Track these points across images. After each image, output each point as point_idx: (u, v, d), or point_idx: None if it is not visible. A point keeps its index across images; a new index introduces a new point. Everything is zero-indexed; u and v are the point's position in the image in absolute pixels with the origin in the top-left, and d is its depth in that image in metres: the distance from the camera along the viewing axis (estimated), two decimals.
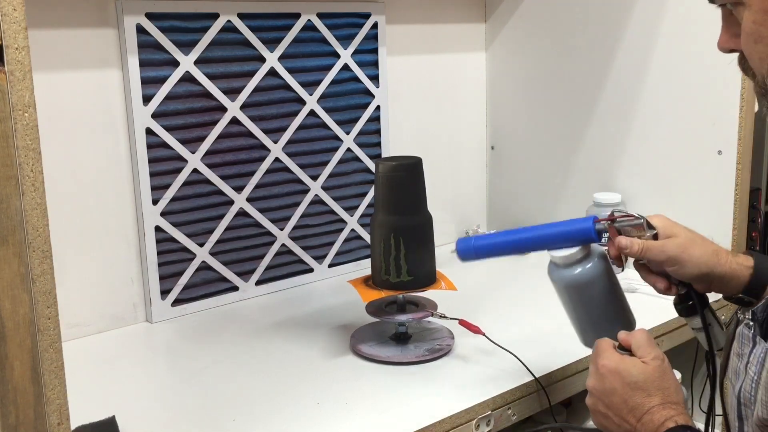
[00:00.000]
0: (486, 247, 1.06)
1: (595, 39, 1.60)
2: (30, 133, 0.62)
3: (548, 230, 1.01)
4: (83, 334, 1.32)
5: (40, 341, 0.64)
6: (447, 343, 1.23)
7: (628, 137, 1.59)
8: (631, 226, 0.96)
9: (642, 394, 0.84)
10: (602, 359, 0.89)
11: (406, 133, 1.72)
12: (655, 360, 0.87)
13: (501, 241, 1.06)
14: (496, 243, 1.06)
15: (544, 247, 1.01)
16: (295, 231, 1.56)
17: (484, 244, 1.06)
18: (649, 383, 0.85)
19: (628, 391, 0.85)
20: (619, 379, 0.86)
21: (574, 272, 0.98)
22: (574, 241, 0.98)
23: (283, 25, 1.48)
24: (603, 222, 0.98)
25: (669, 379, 0.86)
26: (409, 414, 1.03)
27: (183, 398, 1.11)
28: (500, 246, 1.06)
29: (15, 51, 0.61)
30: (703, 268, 0.94)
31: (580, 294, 0.99)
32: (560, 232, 1.00)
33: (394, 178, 1.18)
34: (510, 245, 1.05)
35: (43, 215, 0.64)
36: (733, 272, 0.95)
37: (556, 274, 1.00)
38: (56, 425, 0.66)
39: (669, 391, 0.84)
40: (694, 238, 0.96)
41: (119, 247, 1.35)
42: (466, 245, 1.07)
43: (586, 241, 0.98)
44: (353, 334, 1.27)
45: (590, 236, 0.98)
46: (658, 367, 0.86)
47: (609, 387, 0.86)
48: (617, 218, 0.97)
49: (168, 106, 1.35)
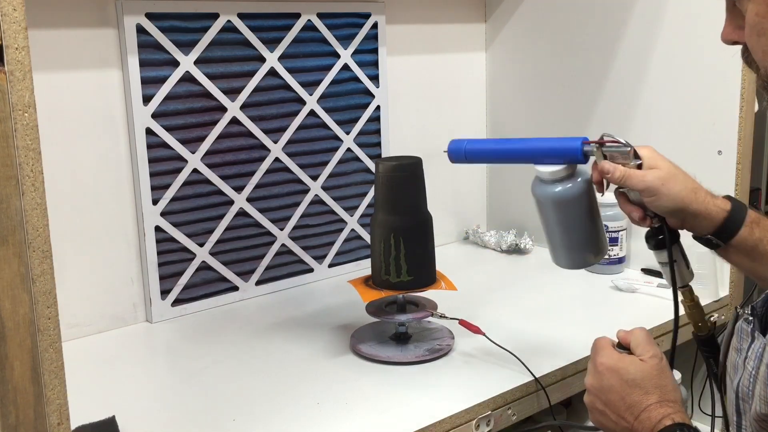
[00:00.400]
0: (476, 152, 1.08)
1: (595, 39, 1.60)
2: (30, 133, 0.62)
3: (538, 144, 1.03)
4: (83, 334, 1.32)
5: (40, 341, 0.64)
6: (447, 343, 1.23)
7: (627, 137, 1.56)
8: (618, 153, 0.97)
9: (639, 391, 0.84)
10: (600, 357, 0.89)
11: (406, 133, 1.72)
12: (653, 358, 0.87)
13: (491, 148, 1.09)
14: (486, 149, 1.08)
15: (531, 159, 1.03)
16: (295, 231, 1.56)
17: (475, 149, 1.08)
18: (647, 381, 0.85)
19: (625, 389, 0.85)
20: (617, 377, 0.86)
21: (556, 189, 1.01)
22: (561, 158, 1.00)
23: (283, 25, 1.48)
24: (592, 144, 0.99)
25: (666, 377, 0.86)
26: (409, 414, 1.03)
27: (183, 398, 1.11)
28: (490, 152, 1.08)
29: (15, 51, 0.61)
30: (678, 203, 0.95)
31: (558, 211, 1.01)
32: (549, 147, 1.01)
33: (394, 178, 1.18)
34: (500, 153, 1.08)
35: (43, 215, 0.64)
36: (708, 212, 0.96)
37: (539, 189, 1.03)
38: (56, 425, 0.66)
39: (666, 389, 0.85)
40: (677, 173, 0.97)
41: (119, 247, 1.35)
42: (457, 146, 1.09)
43: (573, 161, 1.00)
44: (353, 334, 1.27)
45: (577, 156, 0.99)
46: (656, 365, 0.86)
47: (607, 385, 0.87)
48: (606, 142, 0.98)
49: (168, 106, 1.35)
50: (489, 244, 1.80)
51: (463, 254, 1.79)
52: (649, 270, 1.58)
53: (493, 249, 1.80)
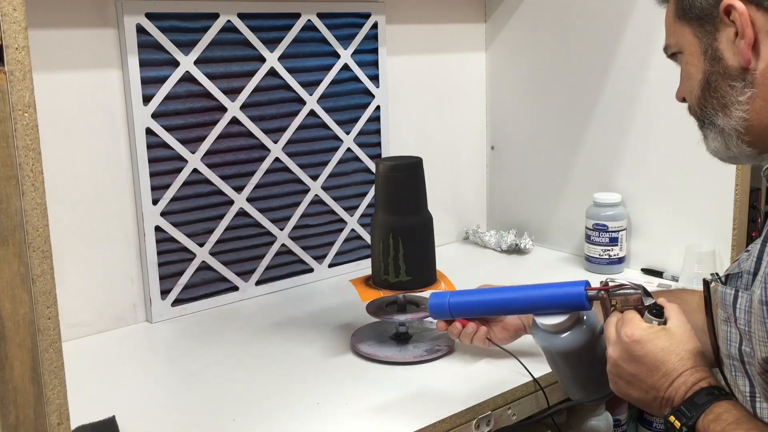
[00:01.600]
0: (462, 306, 1.01)
1: (595, 39, 1.60)
2: (30, 133, 0.62)
3: (536, 292, 0.96)
4: (83, 334, 1.32)
5: (40, 341, 0.64)
6: (447, 344, 1.22)
7: (627, 137, 1.59)
8: (626, 296, 0.91)
9: (675, 358, 0.84)
10: (627, 329, 0.88)
11: (406, 133, 1.72)
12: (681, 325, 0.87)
13: (481, 299, 1.00)
14: (475, 301, 1.00)
15: (529, 311, 0.97)
16: (295, 231, 1.56)
17: (461, 302, 1.01)
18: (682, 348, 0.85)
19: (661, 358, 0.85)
20: (650, 347, 0.86)
21: (561, 339, 0.95)
22: (562, 308, 0.94)
23: (283, 25, 1.48)
24: (595, 291, 0.92)
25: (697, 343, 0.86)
26: (409, 414, 1.03)
27: (183, 398, 1.11)
28: (479, 305, 1.01)
29: (15, 51, 0.61)
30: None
31: (567, 359, 0.96)
32: (548, 297, 0.95)
33: (394, 178, 1.18)
34: (491, 305, 1.00)
35: (43, 215, 0.64)
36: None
37: (542, 339, 0.97)
38: (56, 425, 0.66)
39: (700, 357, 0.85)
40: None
41: (119, 247, 1.35)
42: (440, 300, 1.02)
43: (576, 309, 0.94)
44: (353, 334, 1.27)
45: (581, 304, 0.93)
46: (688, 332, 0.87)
47: (638, 355, 0.86)
48: (611, 288, 0.91)
49: (168, 106, 1.35)
50: (489, 244, 1.80)
51: (463, 254, 1.79)
52: (649, 270, 1.58)
53: (493, 249, 1.80)
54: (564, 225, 1.73)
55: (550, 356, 0.98)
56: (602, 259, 1.58)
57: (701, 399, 0.81)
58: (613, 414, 1.45)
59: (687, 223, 1.51)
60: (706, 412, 0.80)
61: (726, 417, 0.78)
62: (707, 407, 0.80)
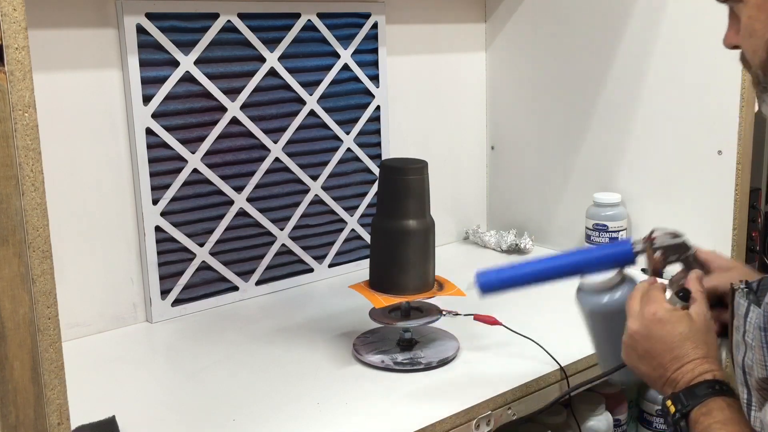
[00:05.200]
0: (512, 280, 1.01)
1: (595, 39, 1.60)
2: (30, 133, 0.62)
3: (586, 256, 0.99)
4: (83, 334, 1.32)
5: (40, 341, 0.64)
6: (452, 354, 1.20)
7: (628, 137, 1.59)
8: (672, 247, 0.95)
9: (690, 345, 0.86)
10: (652, 307, 0.89)
11: (406, 133, 1.72)
12: (701, 315, 0.89)
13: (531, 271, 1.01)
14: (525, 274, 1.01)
15: (577, 273, 0.99)
16: (295, 231, 1.56)
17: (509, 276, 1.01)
18: (698, 335, 0.86)
19: (677, 341, 0.86)
20: (669, 329, 0.87)
21: (606, 299, 0.96)
22: (610, 266, 0.97)
23: (283, 25, 1.47)
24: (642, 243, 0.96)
25: (713, 336, 0.88)
26: (410, 414, 1.03)
27: (183, 398, 1.11)
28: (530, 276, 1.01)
29: (15, 51, 0.61)
30: None
31: (608, 321, 0.97)
32: (598, 258, 0.97)
33: (398, 182, 1.17)
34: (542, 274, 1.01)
35: (43, 215, 0.64)
36: None
37: (586, 301, 0.98)
38: (56, 425, 0.66)
39: (713, 348, 0.87)
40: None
41: (119, 247, 1.35)
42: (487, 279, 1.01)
43: (624, 265, 0.96)
44: (356, 339, 1.26)
45: (629, 258, 0.96)
46: (704, 323, 0.88)
47: (656, 334, 0.87)
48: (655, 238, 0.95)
49: (168, 106, 1.35)
50: (489, 244, 1.80)
51: (463, 254, 1.79)
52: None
53: (493, 249, 1.80)
54: (564, 225, 1.73)
55: (591, 320, 0.99)
56: None
57: (701, 391, 0.82)
58: (613, 414, 1.45)
59: (687, 223, 1.50)
60: (701, 405, 0.81)
61: (716, 414, 0.80)
62: (703, 400, 0.81)
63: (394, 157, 1.46)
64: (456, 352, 1.21)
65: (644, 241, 0.96)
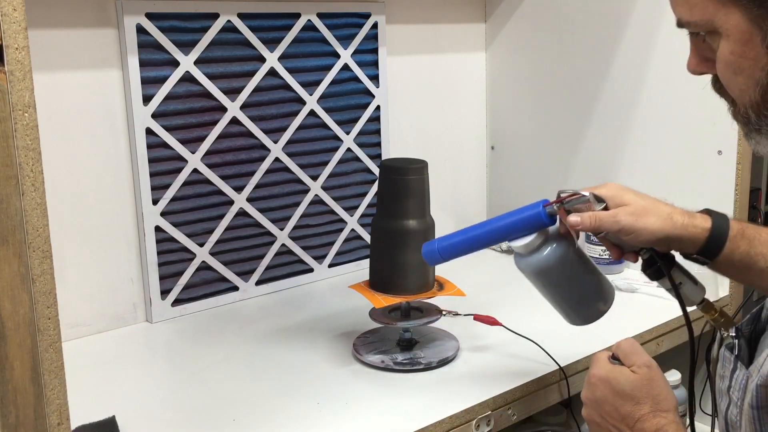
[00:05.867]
0: (449, 248, 1.05)
1: (595, 39, 1.60)
2: (30, 133, 0.62)
3: (501, 222, 1.01)
4: (83, 334, 1.32)
5: (40, 341, 0.64)
6: (452, 354, 1.20)
7: (628, 137, 1.59)
8: (580, 203, 0.96)
9: (631, 402, 0.84)
10: (593, 369, 0.89)
11: (406, 133, 1.72)
12: (642, 368, 0.86)
13: (461, 239, 1.05)
14: (457, 242, 1.05)
15: (503, 239, 1.02)
16: (295, 231, 1.56)
17: (446, 245, 1.05)
18: (637, 391, 0.85)
19: (618, 401, 0.85)
20: (609, 388, 0.86)
21: (538, 258, 0.98)
22: (529, 229, 0.98)
23: (283, 25, 1.47)
24: (552, 205, 0.97)
25: (658, 386, 0.86)
26: (409, 414, 1.03)
27: (183, 398, 1.11)
28: (461, 244, 1.05)
29: (15, 51, 0.61)
30: (658, 234, 0.92)
31: (549, 277, 0.99)
32: (513, 223, 0.99)
33: (398, 182, 1.17)
34: (470, 242, 1.04)
35: (43, 215, 0.64)
36: (690, 234, 0.93)
37: (522, 263, 1.00)
38: (56, 425, 0.66)
39: (659, 399, 0.84)
40: (646, 204, 0.94)
41: (119, 247, 1.35)
42: (430, 248, 1.06)
43: (541, 227, 0.98)
44: (356, 339, 1.26)
45: (542, 221, 0.97)
46: (645, 374, 0.86)
47: (600, 396, 0.87)
48: (564, 199, 0.96)
49: (168, 106, 1.35)
50: None
51: None
52: None
53: (493, 249, 1.80)
54: None
55: (535, 280, 1.00)
56: (602, 259, 1.58)
57: None
58: None
59: None
60: None
61: None
62: None
63: (394, 157, 1.46)
64: (456, 352, 1.21)
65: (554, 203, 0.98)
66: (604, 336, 1.16)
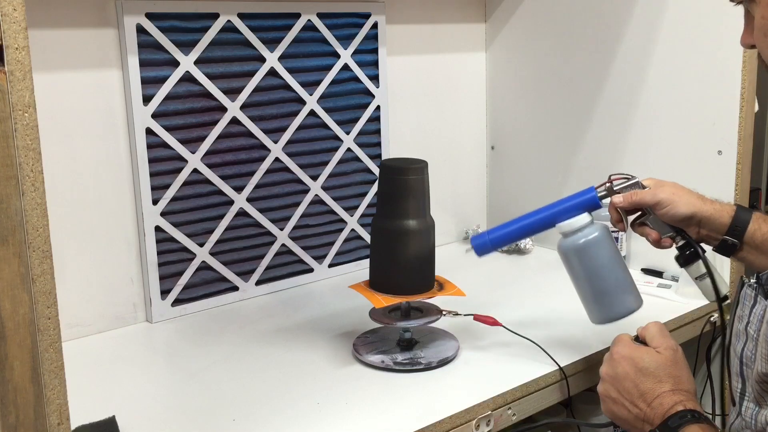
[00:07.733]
0: (501, 238, 1.14)
1: (595, 39, 1.60)
2: (30, 133, 0.62)
3: (554, 209, 1.11)
4: (83, 334, 1.32)
5: (40, 341, 0.64)
6: (452, 354, 1.20)
7: (628, 137, 1.59)
8: (628, 187, 1.08)
9: (653, 379, 0.88)
10: (617, 347, 0.94)
11: (406, 133, 1.72)
12: (668, 350, 0.91)
13: (514, 229, 1.14)
14: (510, 232, 1.14)
15: (553, 223, 1.11)
16: (295, 231, 1.56)
17: (499, 236, 1.14)
18: (661, 370, 0.89)
19: (639, 377, 0.89)
20: (631, 365, 0.90)
21: (585, 235, 1.08)
22: (579, 210, 1.09)
23: (283, 25, 1.48)
24: (602, 187, 1.09)
25: (681, 368, 0.90)
26: (409, 414, 1.03)
27: (183, 398, 1.11)
28: (514, 233, 1.14)
29: (15, 51, 0.61)
30: (691, 207, 1.04)
31: (590, 258, 1.08)
32: (565, 208, 1.09)
33: (398, 182, 1.17)
34: (522, 230, 1.14)
35: (43, 215, 0.64)
36: (717, 213, 1.04)
37: (563, 244, 1.09)
38: (56, 425, 0.66)
39: (680, 379, 0.88)
40: (681, 187, 1.08)
41: (119, 247, 1.35)
42: (481, 241, 1.14)
43: (591, 208, 1.09)
44: (356, 339, 1.26)
45: (594, 203, 1.09)
46: (670, 356, 0.90)
47: (622, 372, 0.91)
48: (614, 180, 1.09)
49: (168, 106, 1.35)
50: None
51: (463, 254, 1.79)
52: (649, 270, 1.58)
53: None
54: None
55: (571, 262, 1.09)
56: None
57: (674, 422, 0.84)
58: None
59: None
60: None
61: None
62: (678, 431, 0.83)
63: (394, 157, 1.46)
64: (456, 352, 1.21)
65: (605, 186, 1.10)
66: (604, 336, 1.16)
